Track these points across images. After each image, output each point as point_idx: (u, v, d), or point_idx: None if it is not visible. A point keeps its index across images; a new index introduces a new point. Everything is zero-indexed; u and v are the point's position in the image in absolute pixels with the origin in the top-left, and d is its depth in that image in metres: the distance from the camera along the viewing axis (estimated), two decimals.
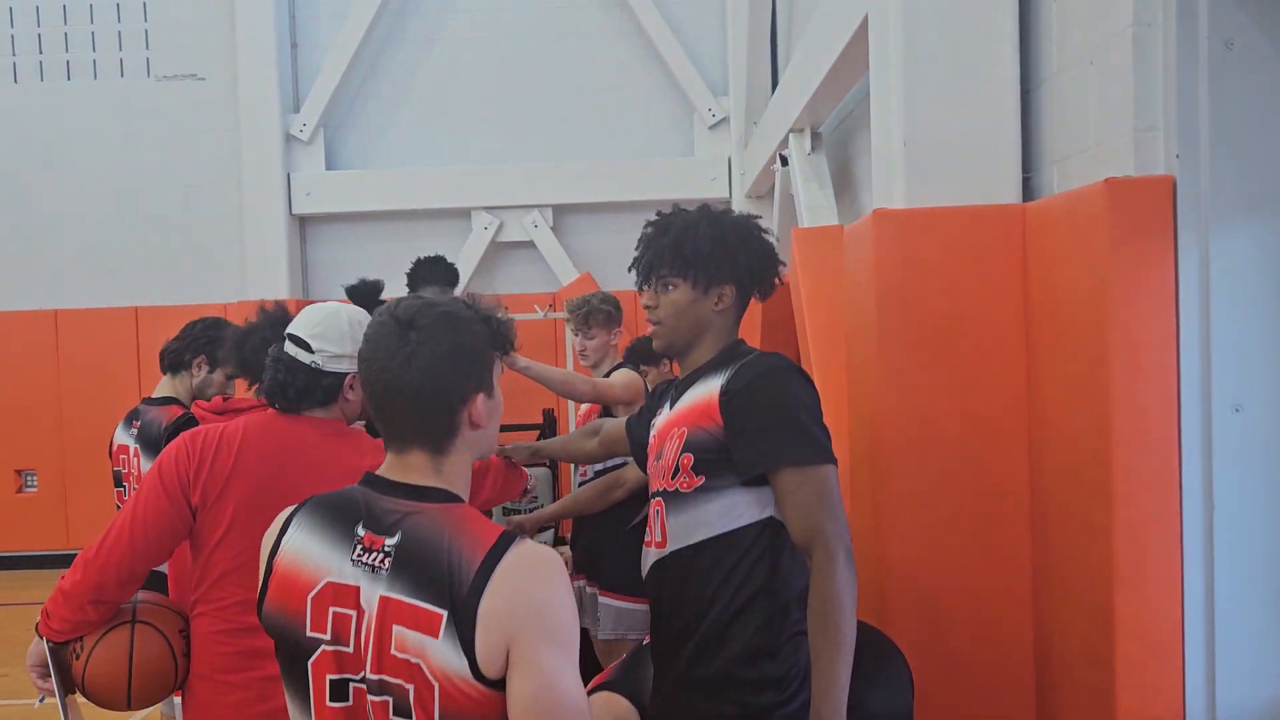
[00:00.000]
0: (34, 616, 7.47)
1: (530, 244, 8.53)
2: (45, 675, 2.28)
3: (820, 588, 1.90)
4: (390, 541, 1.50)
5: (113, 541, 2.21)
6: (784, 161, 5.84)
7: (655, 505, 2.16)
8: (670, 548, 2.10)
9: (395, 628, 1.45)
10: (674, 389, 2.25)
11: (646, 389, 3.85)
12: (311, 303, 8.26)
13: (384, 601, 1.47)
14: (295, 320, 2.48)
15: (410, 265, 4.91)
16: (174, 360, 3.44)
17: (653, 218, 2.29)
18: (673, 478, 2.09)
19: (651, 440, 2.26)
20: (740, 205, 8.26)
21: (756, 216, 2.30)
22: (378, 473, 1.61)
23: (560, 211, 8.57)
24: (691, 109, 8.50)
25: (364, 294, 4.44)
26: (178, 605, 2.42)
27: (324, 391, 2.34)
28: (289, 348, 2.40)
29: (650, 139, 8.59)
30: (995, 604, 2.70)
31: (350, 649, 1.50)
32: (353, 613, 1.50)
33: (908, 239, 2.79)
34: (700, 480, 2.04)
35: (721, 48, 8.47)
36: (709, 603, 2.01)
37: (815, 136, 5.48)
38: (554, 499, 7.41)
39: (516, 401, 8.15)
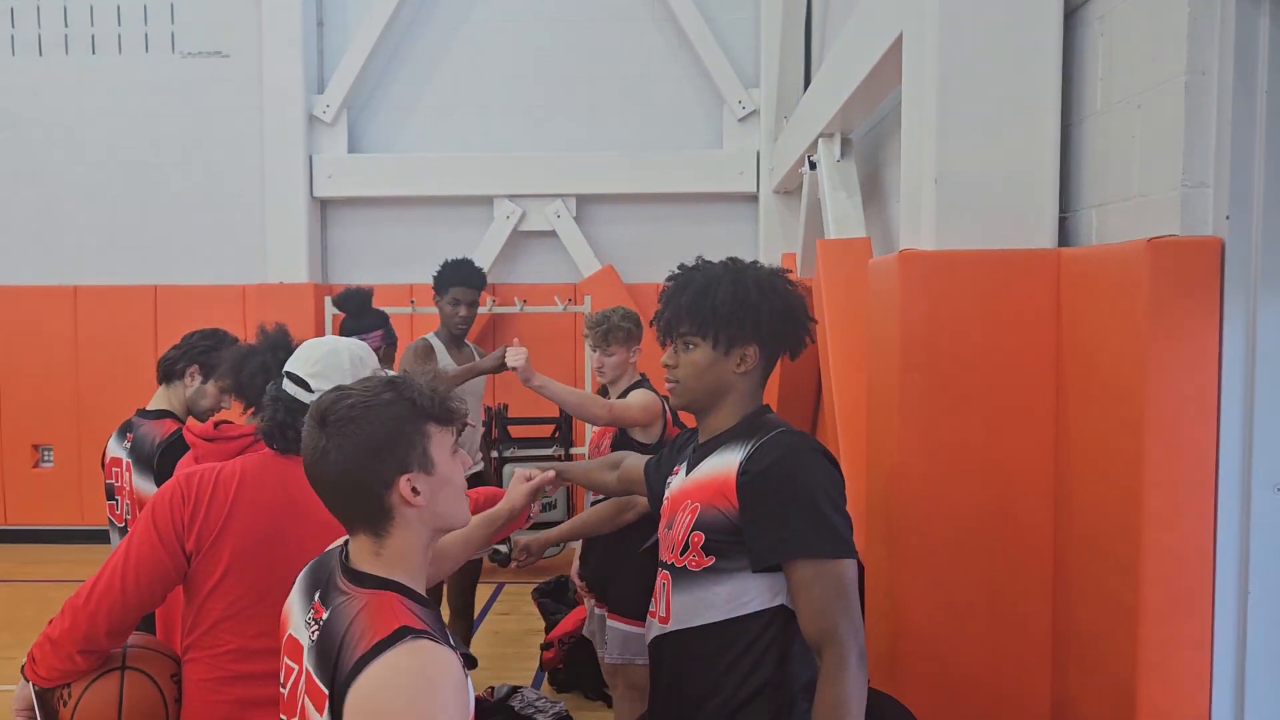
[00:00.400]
0: (47, 594, 7.46)
1: (552, 234, 8.39)
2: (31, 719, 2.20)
3: (828, 691, 1.79)
4: (324, 617, 1.60)
5: (103, 589, 2.13)
6: (813, 166, 5.68)
7: (662, 577, 2.05)
8: (673, 626, 2.00)
9: (304, 698, 1.57)
10: (693, 450, 2.13)
11: (666, 410, 3.74)
12: (330, 287, 8.19)
13: (305, 671, 1.59)
14: (295, 357, 2.40)
15: (438, 268, 4.92)
16: (168, 370, 3.37)
17: (675, 270, 2.16)
18: (682, 554, 1.98)
19: (665, 503, 2.15)
20: (768, 200, 8.10)
21: (786, 270, 2.17)
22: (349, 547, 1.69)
23: (584, 202, 8.43)
24: (721, 100, 8.31)
25: (353, 301, 4.34)
26: (168, 649, 2.35)
27: None
28: (288, 386, 2.32)
29: (678, 130, 8.42)
30: (1013, 673, 2.59)
31: (288, 698, 1.68)
32: (295, 667, 1.64)
33: (935, 283, 2.66)
34: (710, 561, 1.93)
35: (754, 38, 8.26)
36: (710, 691, 1.91)
37: (845, 142, 5.32)
38: (568, 514, 7.34)
39: (533, 397, 8.09)
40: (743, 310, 2.02)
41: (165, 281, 8.30)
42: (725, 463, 1.96)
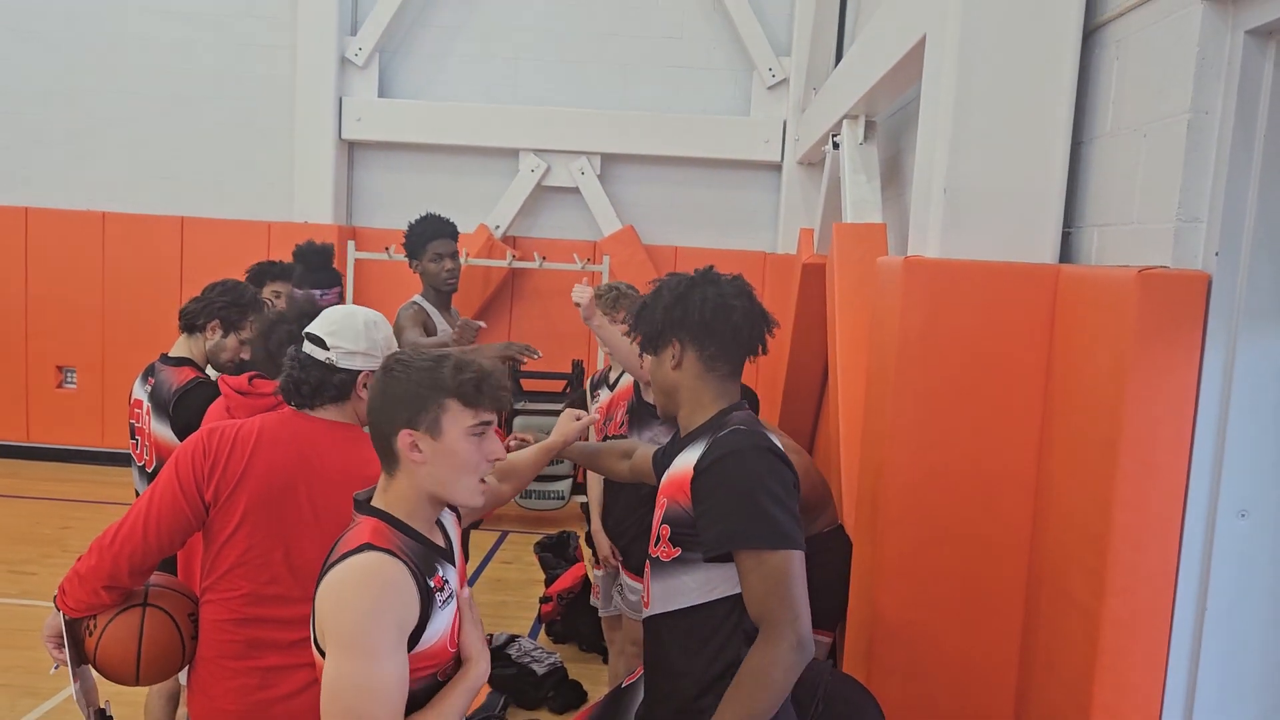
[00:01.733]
0: (67, 512, 7.69)
1: (575, 190, 8.46)
2: (60, 646, 2.38)
3: (754, 659, 1.93)
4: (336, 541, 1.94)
5: (127, 533, 2.31)
6: (836, 146, 5.72)
7: (647, 565, 2.19)
8: (652, 610, 2.14)
9: None
10: (672, 446, 2.26)
11: None
12: (354, 229, 8.27)
13: None
14: (315, 320, 2.52)
15: (406, 233, 4.57)
16: (189, 322, 3.49)
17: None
18: (655, 545, 2.12)
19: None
20: (792, 171, 8.14)
21: (740, 281, 2.23)
22: None
23: (609, 160, 8.48)
24: (751, 67, 8.31)
25: (313, 255, 4.29)
26: (187, 589, 2.51)
27: (336, 388, 2.39)
28: (306, 346, 2.45)
29: (706, 94, 8.43)
30: (981, 667, 2.73)
31: None
32: None
33: (937, 291, 2.75)
34: (677, 552, 2.06)
35: (789, 6, 8.23)
36: (681, 673, 2.05)
37: (870, 125, 5.36)
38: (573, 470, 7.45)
39: (548, 348, 8.18)
40: (661, 311, 2.16)
41: (192, 214, 8.43)
42: (686, 461, 2.09)
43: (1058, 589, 2.53)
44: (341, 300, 4.47)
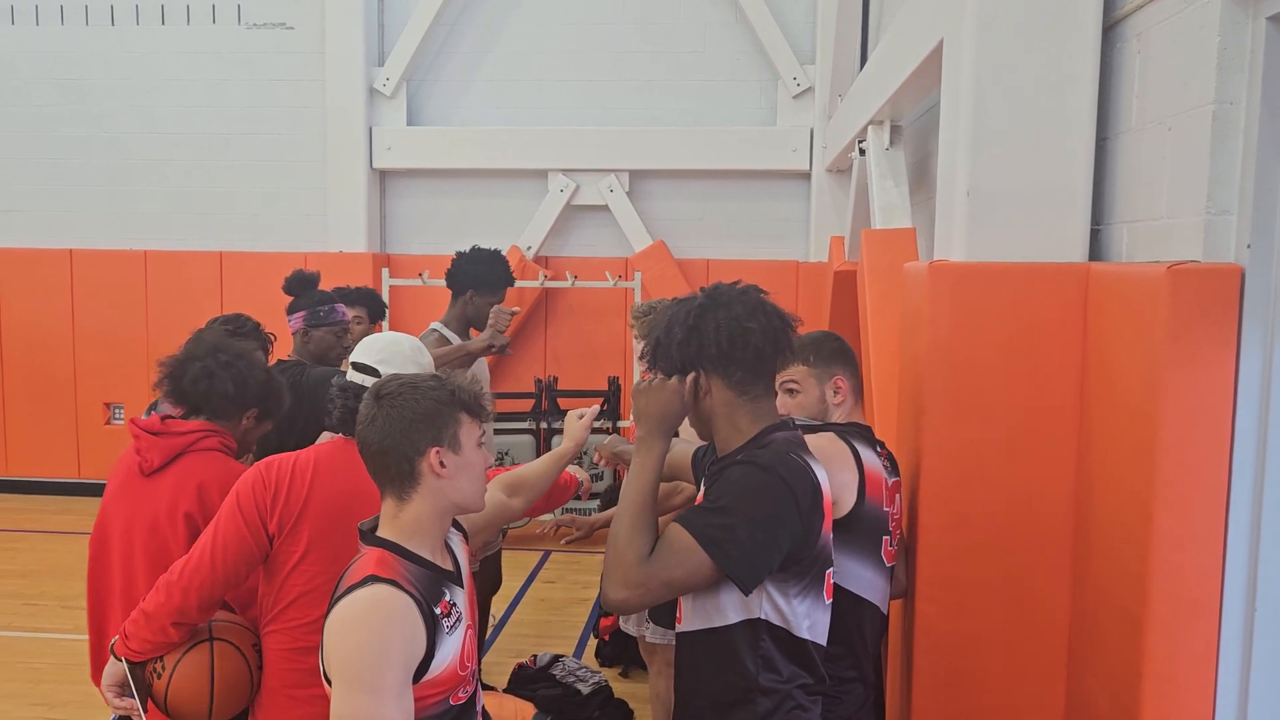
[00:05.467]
0: None
1: (605, 208, 8.49)
2: (122, 695, 2.39)
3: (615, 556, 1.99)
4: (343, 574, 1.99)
5: (194, 567, 2.34)
6: (862, 152, 5.69)
7: None
8: (681, 628, 2.13)
9: None
10: (708, 466, 2.23)
11: None
12: (388, 257, 8.31)
13: None
14: (357, 350, 2.57)
15: (476, 264, 4.45)
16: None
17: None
18: None
19: None
20: (821, 178, 8.10)
21: (750, 290, 2.15)
22: None
23: (637, 176, 8.50)
24: (776, 76, 8.31)
25: (299, 284, 4.23)
26: (246, 621, 2.53)
27: None
28: (353, 375, 2.48)
29: (732, 106, 8.43)
30: (1026, 677, 2.67)
31: None
32: None
33: (964, 295, 2.72)
34: None
35: (811, 14, 8.22)
36: (698, 691, 2.05)
37: (895, 129, 5.32)
38: (614, 480, 7.45)
39: (583, 366, 8.25)
40: (677, 348, 2.08)
41: (230, 248, 8.58)
42: None
43: (1101, 594, 2.48)
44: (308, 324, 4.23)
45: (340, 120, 8.40)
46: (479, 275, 4.46)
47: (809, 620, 2.04)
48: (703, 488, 2.18)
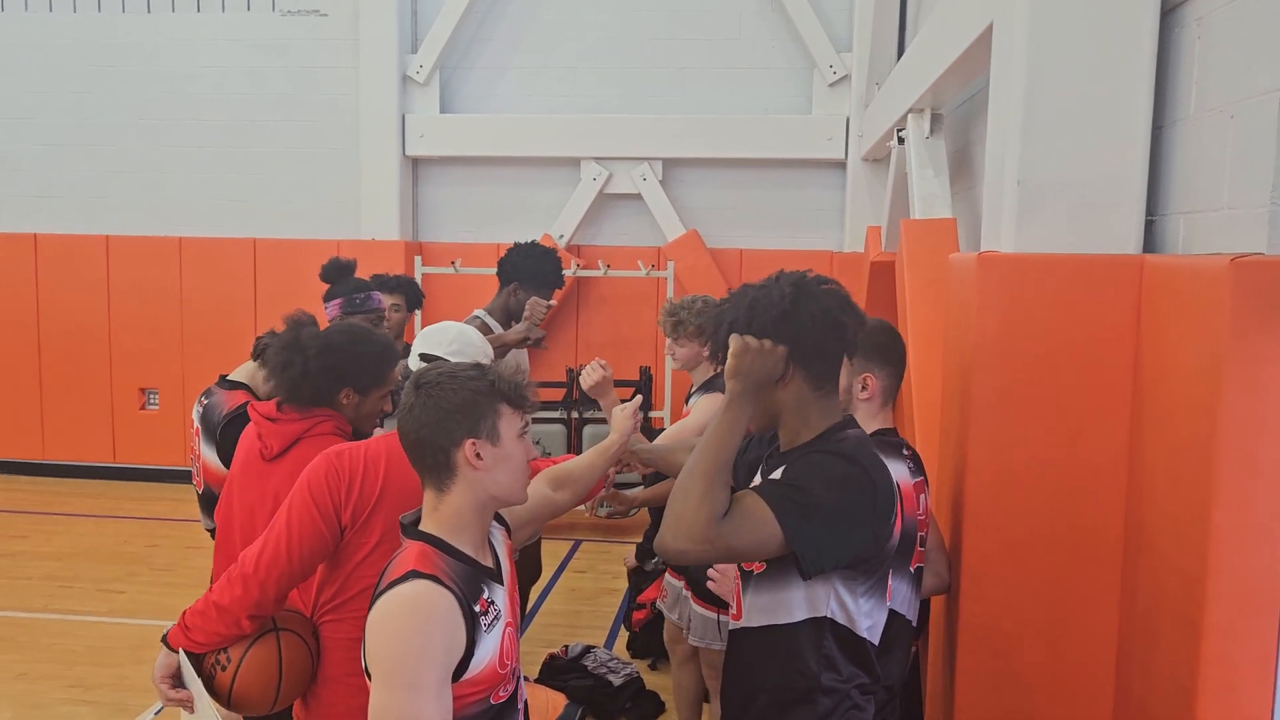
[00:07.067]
0: (153, 531, 7.83)
1: (638, 197, 8.44)
2: (175, 686, 2.33)
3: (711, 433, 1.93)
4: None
5: (270, 559, 2.31)
6: (901, 141, 5.61)
7: (737, 577, 2.13)
8: (740, 624, 2.09)
9: None
10: (769, 456, 2.16)
11: None
12: (420, 244, 8.27)
13: None
14: (422, 341, 2.55)
15: (530, 259, 4.43)
16: (258, 350, 3.48)
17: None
18: None
19: None
20: (857, 168, 8.01)
21: (829, 282, 2.07)
22: None
23: (670, 165, 8.44)
24: (812, 64, 8.21)
25: (336, 271, 4.20)
26: (301, 611, 2.51)
27: None
28: (422, 366, 2.45)
29: (767, 94, 8.35)
30: (1075, 678, 2.61)
31: None
32: None
33: (1013, 287, 2.65)
34: (763, 566, 2.00)
35: (848, 2, 8.12)
36: (758, 689, 2.00)
37: (936, 118, 5.23)
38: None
39: (615, 355, 8.21)
40: (776, 321, 1.97)
41: (264, 235, 8.60)
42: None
43: (1155, 596, 2.41)
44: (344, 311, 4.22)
45: (373, 107, 8.39)
46: (528, 270, 4.45)
47: (870, 620, 2.00)
48: (759, 478, 2.13)
